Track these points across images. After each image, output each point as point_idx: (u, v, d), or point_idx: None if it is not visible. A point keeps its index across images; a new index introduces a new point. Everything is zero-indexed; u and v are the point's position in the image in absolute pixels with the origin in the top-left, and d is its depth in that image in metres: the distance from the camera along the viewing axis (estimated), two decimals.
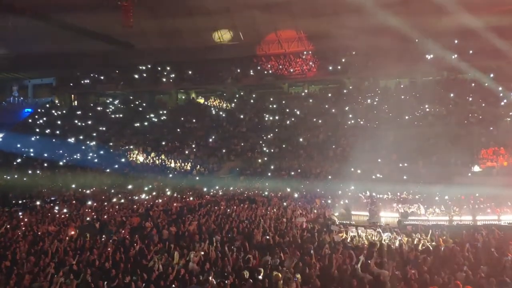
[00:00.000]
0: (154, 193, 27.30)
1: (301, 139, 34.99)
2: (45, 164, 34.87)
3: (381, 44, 33.28)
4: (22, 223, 18.05)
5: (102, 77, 46.32)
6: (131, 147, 37.21)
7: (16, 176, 32.99)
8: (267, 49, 41.48)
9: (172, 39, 38.44)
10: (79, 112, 44.66)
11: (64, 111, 45.88)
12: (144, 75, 44.34)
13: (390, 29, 31.09)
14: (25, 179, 32.58)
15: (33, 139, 38.72)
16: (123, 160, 34.87)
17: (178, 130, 39.99)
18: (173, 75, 44.06)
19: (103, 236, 15.62)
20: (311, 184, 28.69)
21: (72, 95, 48.94)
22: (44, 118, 43.79)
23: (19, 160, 35.57)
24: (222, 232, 15.38)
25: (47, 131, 40.44)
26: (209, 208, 20.74)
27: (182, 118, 41.67)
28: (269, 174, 31.30)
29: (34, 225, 17.48)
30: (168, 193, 27.22)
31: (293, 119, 38.19)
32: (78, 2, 32.11)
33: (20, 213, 20.93)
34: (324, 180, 29.00)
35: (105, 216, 19.32)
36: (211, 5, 34.52)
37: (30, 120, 44.26)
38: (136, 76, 44.30)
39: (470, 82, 36.71)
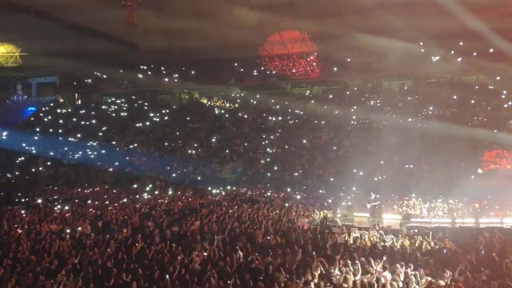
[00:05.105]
0: (156, 193, 27.34)
1: (304, 140, 34.96)
2: (48, 163, 35.00)
3: (385, 45, 33.25)
4: (24, 221, 18.09)
5: (105, 76, 46.42)
6: (134, 145, 37.27)
7: (19, 174, 33.16)
8: (271, 49, 41.52)
9: (175, 39, 38.47)
10: (82, 111, 44.79)
11: (68, 110, 46.02)
12: (148, 73, 44.39)
13: (394, 30, 31.09)
14: (28, 177, 32.74)
15: (36, 137, 38.86)
16: (126, 159, 34.89)
17: (181, 130, 40.03)
18: (177, 75, 44.12)
19: (106, 235, 15.67)
20: (313, 185, 28.71)
21: (76, 94, 49.14)
22: (48, 117, 43.89)
23: (22, 158, 35.66)
24: (224, 232, 15.38)
25: (51, 129, 40.52)
26: (211, 208, 20.74)
27: (186, 118, 41.72)
28: (272, 175, 31.31)
29: (36, 223, 17.54)
30: (170, 192, 27.24)
31: (296, 120, 38.19)
32: (82, 2, 32.19)
33: (22, 211, 21.01)
34: (326, 181, 29.00)
35: (108, 215, 19.35)
36: (215, 5, 34.53)
37: (33, 119, 44.39)
38: (140, 76, 44.36)
39: (474, 84, 36.65)
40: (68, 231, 16.31)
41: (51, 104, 47.11)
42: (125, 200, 24.65)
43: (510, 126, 30.63)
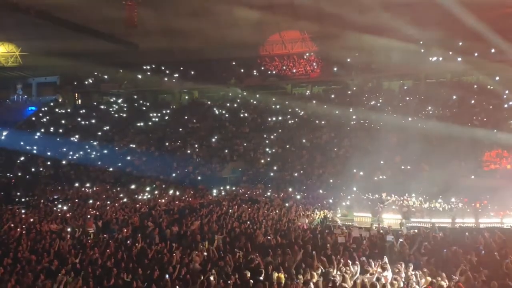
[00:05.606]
0: (156, 193, 27.33)
1: (304, 140, 34.95)
2: (48, 163, 34.99)
3: (385, 45, 33.25)
4: (24, 221, 18.10)
5: (105, 76, 46.43)
6: (134, 145, 37.27)
7: (19, 174, 33.16)
8: (271, 49, 41.51)
9: (175, 39, 38.45)
10: (82, 111, 44.80)
11: (68, 110, 46.03)
12: (148, 74, 44.39)
13: (394, 30, 31.07)
14: (28, 177, 32.75)
15: (36, 137, 38.86)
16: (126, 159, 34.89)
17: (181, 130, 40.04)
18: (177, 75, 44.11)
19: (106, 235, 15.69)
20: (313, 185, 28.70)
21: (76, 94, 49.16)
22: (48, 117, 43.91)
23: (22, 158, 35.67)
24: (224, 232, 15.38)
25: (51, 129, 40.55)
26: (211, 208, 20.74)
27: (186, 117, 41.72)
28: (272, 174, 31.31)
29: (36, 223, 17.54)
30: (171, 192, 27.24)
31: (296, 120, 38.17)
32: (82, 2, 32.20)
33: (23, 211, 21.02)
34: (326, 181, 28.99)
35: (108, 215, 19.35)
36: (215, 5, 34.53)
37: (33, 118, 44.38)
38: (140, 76, 44.36)
39: (474, 84, 36.64)
40: (68, 229, 16.33)
41: (51, 104, 47.12)
42: (125, 200, 24.66)
43: (510, 126, 30.62)
